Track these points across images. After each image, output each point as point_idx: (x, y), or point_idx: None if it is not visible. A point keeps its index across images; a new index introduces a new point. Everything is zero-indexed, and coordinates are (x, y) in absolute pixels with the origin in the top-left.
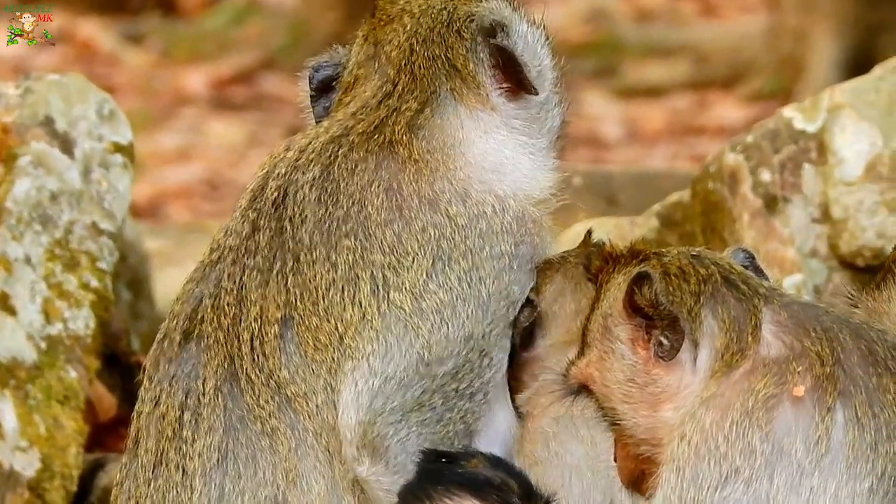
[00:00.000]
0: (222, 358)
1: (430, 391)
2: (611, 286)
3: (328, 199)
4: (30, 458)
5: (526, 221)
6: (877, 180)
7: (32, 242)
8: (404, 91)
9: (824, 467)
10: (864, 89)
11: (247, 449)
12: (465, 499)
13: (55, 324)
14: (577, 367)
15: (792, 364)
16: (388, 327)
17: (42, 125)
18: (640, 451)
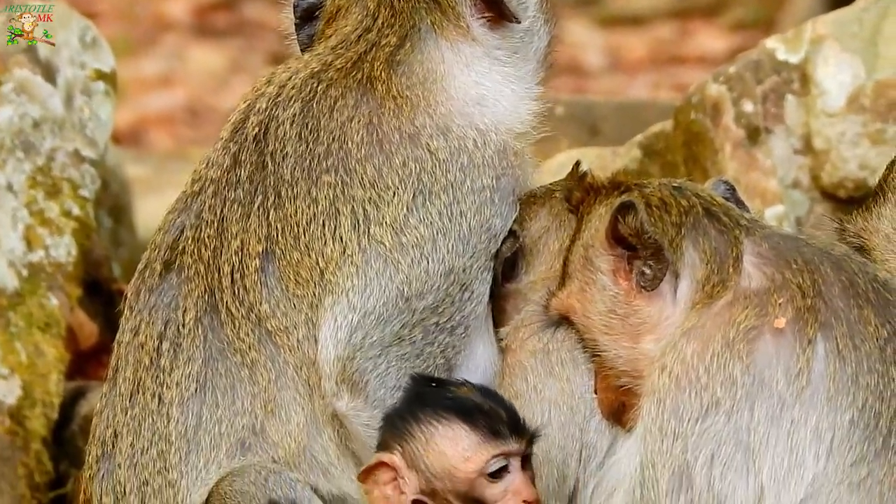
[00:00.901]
0: (202, 290)
1: (410, 325)
2: (592, 217)
3: (309, 135)
4: (10, 386)
5: (507, 154)
6: (859, 112)
7: (14, 170)
8: (384, 25)
9: (805, 399)
10: (847, 21)
11: (225, 379)
12: (454, 423)
13: (37, 251)
14: (558, 299)
15: (773, 296)
16: (368, 262)
17: (25, 52)
18: (621, 383)
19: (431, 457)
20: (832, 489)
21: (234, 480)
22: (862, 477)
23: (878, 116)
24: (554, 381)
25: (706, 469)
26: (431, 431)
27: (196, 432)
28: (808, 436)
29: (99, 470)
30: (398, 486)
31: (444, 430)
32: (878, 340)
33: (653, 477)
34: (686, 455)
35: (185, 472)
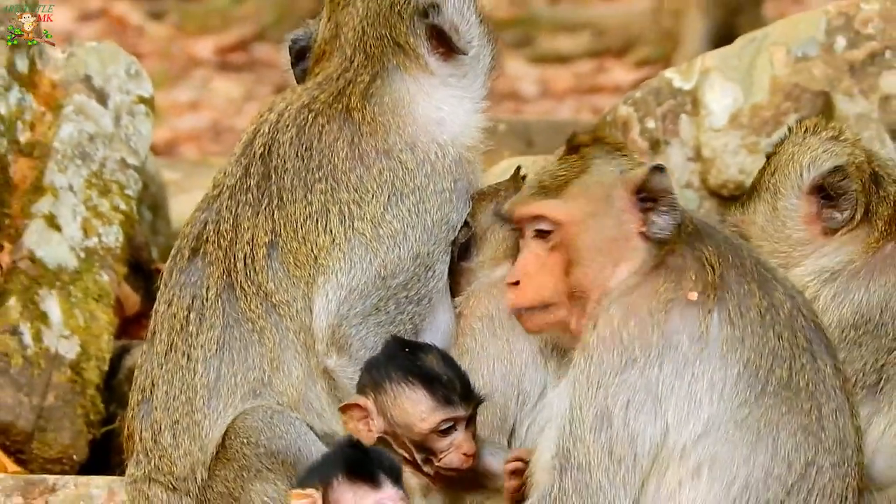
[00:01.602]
0: (221, 271)
1: (385, 299)
2: (601, 165)
3: (304, 153)
4: (71, 344)
5: (462, 163)
6: (738, 128)
7: (74, 174)
8: (359, 66)
9: (703, 357)
10: (728, 56)
11: (240, 342)
12: (417, 388)
13: (91, 238)
14: (565, 207)
15: (688, 272)
16: (353, 249)
17: (83, 82)
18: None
19: (396, 410)
20: (721, 425)
21: (245, 418)
22: (745, 416)
23: (753, 132)
24: (496, 341)
25: (623, 412)
26: (399, 391)
27: (216, 383)
28: (704, 385)
29: (140, 412)
30: (368, 423)
31: (409, 392)
32: (760, 309)
33: (579, 417)
34: (607, 400)
35: (207, 413)
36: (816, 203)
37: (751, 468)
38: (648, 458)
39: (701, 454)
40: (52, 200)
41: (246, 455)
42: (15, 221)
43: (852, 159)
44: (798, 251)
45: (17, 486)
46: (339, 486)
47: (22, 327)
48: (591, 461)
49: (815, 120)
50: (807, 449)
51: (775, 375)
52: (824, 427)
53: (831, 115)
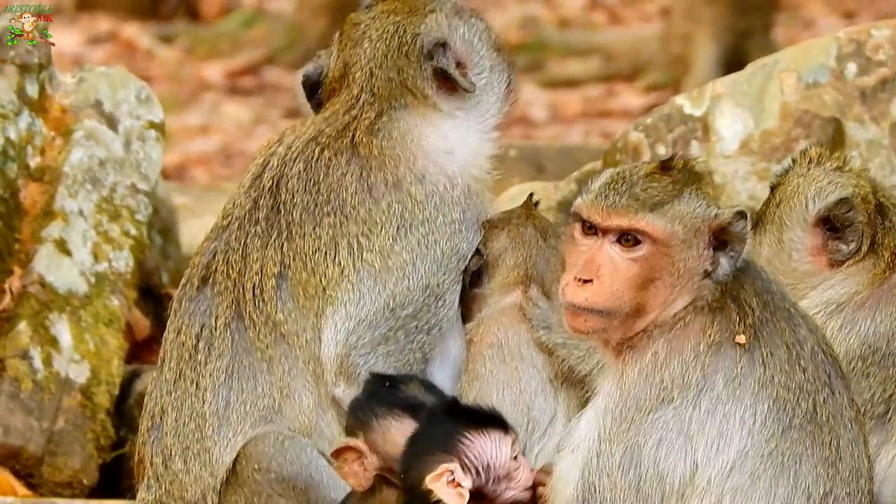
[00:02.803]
0: (230, 301)
1: (395, 329)
2: (692, 194)
3: (312, 188)
4: (81, 369)
5: (471, 193)
6: (749, 154)
7: (84, 199)
8: (364, 104)
9: (736, 397)
10: (739, 82)
11: (249, 371)
12: (404, 419)
13: (102, 263)
14: (664, 226)
15: (732, 314)
16: (362, 280)
17: (93, 107)
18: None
19: (388, 445)
20: (749, 459)
21: (257, 443)
22: (771, 449)
23: (764, 158)
24: (505, 368)
25: (653, 451)
26: (386, 425)
27: (226, 411)
28: (735, 424)
29: (150, 437)
30: (363, 463)
31: (396, 424)
32: (787, 346)
33: (608, 451)
34: (638, 437)
35: (217, 440)
36: (822, 235)
37: (771, 499)
38: (675, 496)
39: (724, 487)
40: (63, 225)
41: (257, 481)
42: (25, 246)
43: (857, 190)
44: (804, 283)
45: None
46: (473, 443)
47: (32, 352)
48: (617, 497)
49: (819, 150)
50: (826, 480)
51: (801, 409)
52: (842, 458)
53: (842, 142)
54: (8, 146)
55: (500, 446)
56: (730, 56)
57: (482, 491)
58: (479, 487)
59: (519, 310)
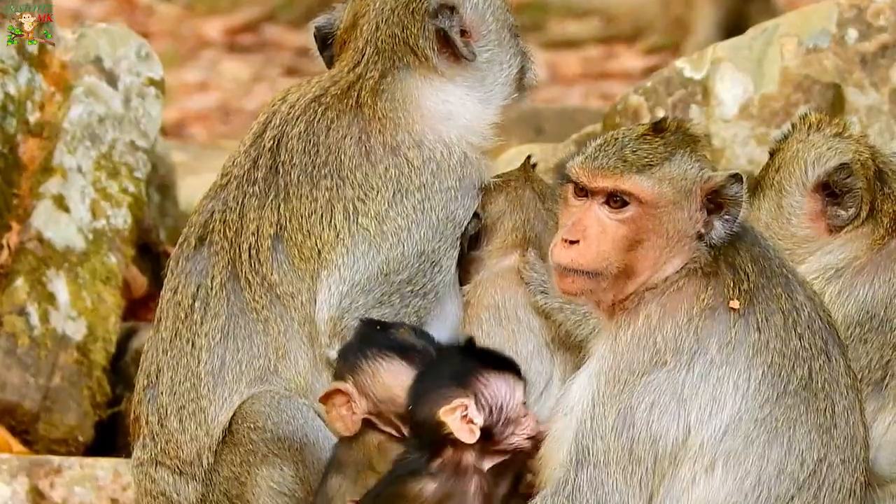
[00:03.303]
0: (226, 261)
1: (389, 293)
2: (684, 156)
3: (311, 149)
4: (78, 326)
5: (468, 161)
6: (748, 118)
7: (83, 155)
8: (369, 62)
9: (730, 361)
10: (739, 46)
11: (244, 331)
12: (394, 360)
13: (100, 220)
14: (651, 187)
15: (726, 279)
16: (356, 245)
17: (93, 63)
18: (613, 278)
19: (377, 387)
20: (742, 424)
21: (252, 402)
22: (765, 415)
23: (763, 122)
24: (502, 330)
25: (646, 413)
26: (376, 366)
27: (221, 371)
28: (729, 388)
29: (145, 396)
30: (351, 407)
31: (386, 365)
32: (783, 312)
33: (602, 414)
34: (631, 400)
35: (213, 399)
36: (821, 200)
37: (764, 464)
38: (668, 458)
39: (717, 450)
40: (61, 181)
41: (253, 440)
42: (23, 202)
43: (857, 156)
44: (803, 248)
45: (22, 467)
46: (490, 382)
47: (29, 308)
48: (610, 460)
49: (818, 116)
50: (819, 446)
51: (796, 375)
52: (836, 425)
53: (842, 107)
54: (7, 101)
55: (515, 389)
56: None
57: (491, 431)
58: (489, 427)
59: (516, 273)
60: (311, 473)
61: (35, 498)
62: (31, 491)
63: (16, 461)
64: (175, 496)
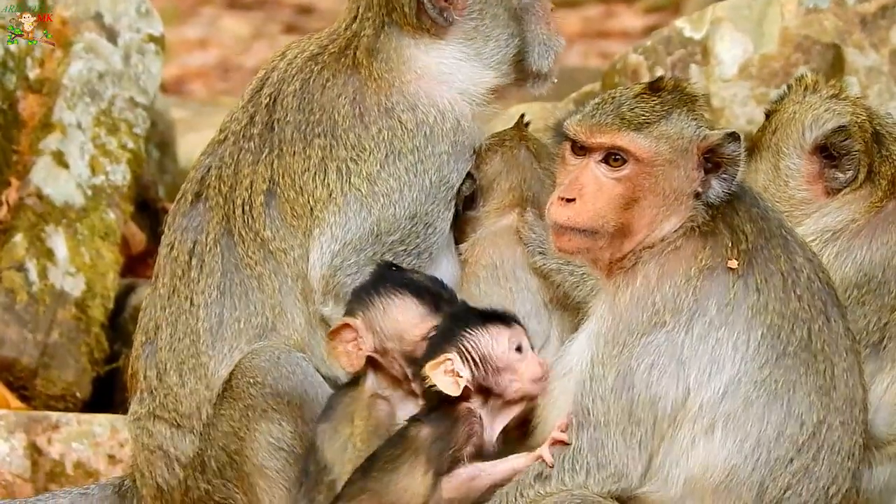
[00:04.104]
0: (221, 217)
1: (380, 253)
2: (682, 115)
3: (306, 107)
4: (77, 282)
5: (462, 124)
6: (748, 79)
7: (83, 112)
8: (363, 18)
9: (729, 322)
10: (739, 6)
11: (240, 288)
12: (407, 297)
13: (99, 176)
14: (648, 145)
15: (724, 239)
16: (349, 204)
17: (93, 19)
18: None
19: (387, 322)
20: (741, 385)
21: (252, 358)
22: (764, 377)
23: (763, 82)
24: (499, 289)
25: (646, 374)
26: (388, 302)
27: (219, 328)
28: (728, 349)
29: (144, 352)
30: (357, 344)
31: (398, 301)
32: (782, 273)
33: (601, 374)
34: (630, 361)
35: (212, 355)
36: (819, 163)
37: (763, 426)
38: (667, 420)
39: (717, 412)
40: (61, 137)
41: (252, 395)
42: (23, 158)
43: (854, 118)
44: (800, 210)
45: (20, 423)
46: (472, 335)
47: (28, 264)
48: (610, 421)
49: (815, 77)
50: (819, 408)
51: (795, 337)
52: (836, 387)
53: (841, 68)
54: (7, 58)
55: (498, 339)
56: None
57: (485, 384)
58: (480, 380)
59: (515, 232)
60: (310, 429)
61: (32, 454)
62: (28, 447)
63: (13, 417)
64: (172, 450)
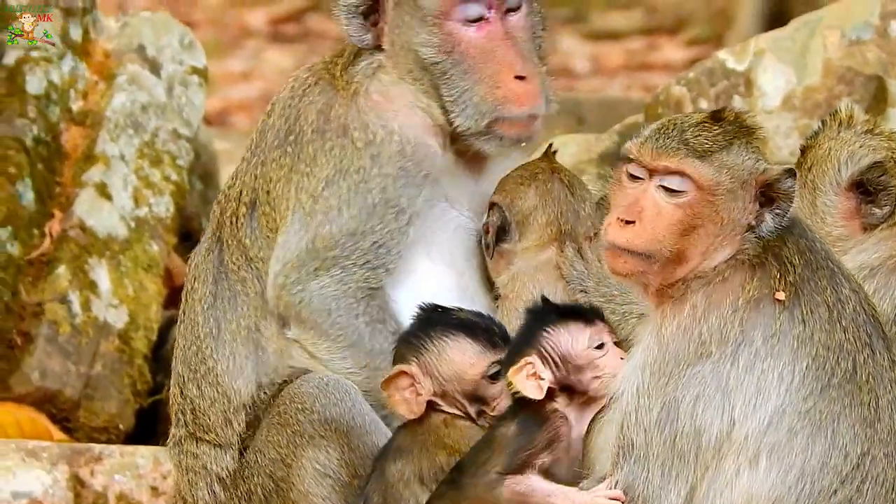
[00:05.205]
0: (215, 226)
1: (324, 268)
2: (742, 146)
3: (286, 112)
4: (120, 314)
5: (407, 150)
6: (791, 110)
7: (126, 143)
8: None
9: (775, 353)
10: (782, 38)
11: (229, 293)
12: (460, 337)
13: (142, 207)
14: (710, 174)
15: (772, 270)
16: (294, 221)
17: (136, 51)
18: (661, 264)
19: (443, 365)
20: (786, 416)
21: (301, 384)
22: (809, 407)
23: (806, 114)
24: None
25: (691, 406)
26: (442, 344)
27: (218, 332)
28: (773, 380)
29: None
30: (415, 389)
31: (452, 342)
32: (828, 305)
33: (646, 405)
34: (676, 392)
35: (217, 359)
36: (855, 199)
37: (808, 457)
38: (711, 451)
39: (761, 443)
40: (104, 169)
41: (300, 421)
42: (66, 190)
43: (890, 154)
44: (837, 247)
45: (62, 455)
46: (550, 335)
47: (71, 296)
48: (650, 454)
49: (849, 112)
50: (863, 440)
51: (840, 368)
52: (880, 418)
53: (884, 99)
54: (51, 89)
55: (578, 336)
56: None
57: (568, 383)
58: (563, 380)
59: (555, 267)
60: (356, 457)
61: (75, 486)
62: (71, 479)
63: (56, 449)
64: (214, 468)
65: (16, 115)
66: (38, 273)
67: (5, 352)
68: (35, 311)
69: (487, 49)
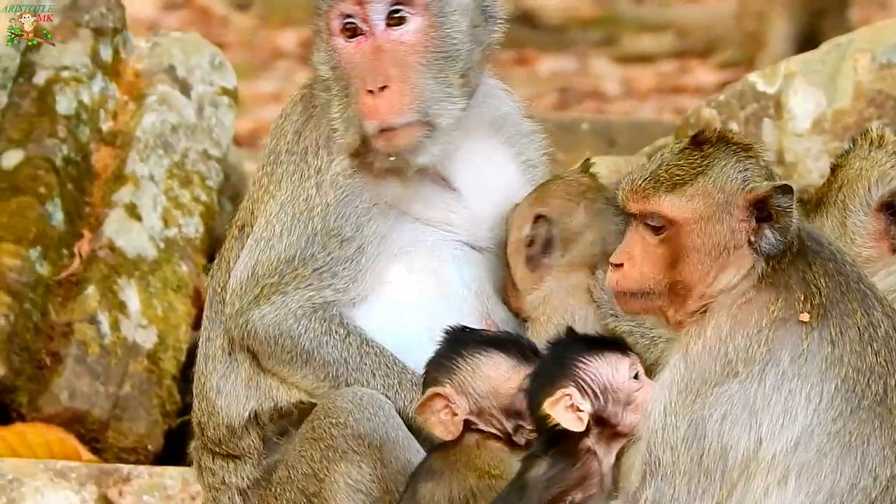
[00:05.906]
0: (225, 249)
1: (266, 295)
2: (725, 168)
3: (274, 133)
4: (149, 334)
5: (352, 176)
6: (821, 133)
7: (156, 164)
8: None
9: (803, 374)
10: (812, 61)
11: (217, 308)
12: (492, 352)
13: (172, 228)
14: (681, 206)
15: (797, 293)
16: (248, 246)
17: (166, 72)
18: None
19: (479, 382)
20: (815, 437)
21: (335, 399)
22: (838, 429)
23: (836, 137)
24: None
25: (718, 424)
26: (476, 362)
27: (209, 349)
28: (801, 400)
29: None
30: (451, 410)
31: (485, 359)
32: (859, 328)
33: (674, 423)
34: (703, 411)
35: (207, 374)
36: (885, 220)
37: (837, 478)
38: (738, 470)
39: (790, 463)
40: (133, 190)
41: (333, 436)
42: (95, 210)
43: None
44: (866, 268)
45: (91, 475)
46: (588, 365)
47: (100, 316)
48: (677, 472)
49: (880, 132)
50: (893, 462)
51: (871, 391)
52: None
53: None
54: (81, 109)
55: (618, 367)
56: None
57: (603, 416)
58: (600, 412)
59: (586, 290)
60: (389, 472)
61: None
62: (99, 499)
63: (85, 469)
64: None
65: (46, 136)
66: (68, 293)
67: (34, 372)
68: (64, 331)
69: (356, 64)
